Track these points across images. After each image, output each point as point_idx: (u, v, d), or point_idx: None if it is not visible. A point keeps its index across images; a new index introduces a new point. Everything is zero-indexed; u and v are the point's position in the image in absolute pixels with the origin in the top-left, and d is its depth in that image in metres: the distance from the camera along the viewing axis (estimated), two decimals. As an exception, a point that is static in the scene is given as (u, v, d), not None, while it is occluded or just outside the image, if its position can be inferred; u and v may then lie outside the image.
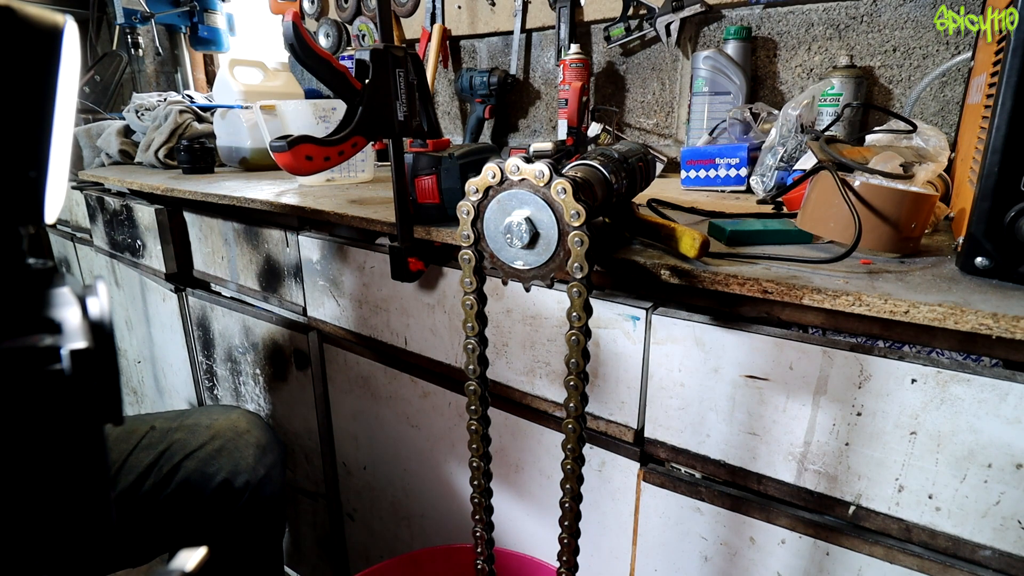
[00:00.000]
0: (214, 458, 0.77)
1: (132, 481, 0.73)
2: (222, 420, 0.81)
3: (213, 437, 0.78)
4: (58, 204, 0.18)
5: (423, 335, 0.82)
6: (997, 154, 0.44)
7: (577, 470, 0.53)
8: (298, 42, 0.59)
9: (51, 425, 0.17)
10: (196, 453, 0.77)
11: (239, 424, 0.81)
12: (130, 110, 1.52)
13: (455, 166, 0.69)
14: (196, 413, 0.82)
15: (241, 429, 0.81)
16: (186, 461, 0.76)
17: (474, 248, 0.50)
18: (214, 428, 0.79)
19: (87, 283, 0.19)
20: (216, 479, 0.76)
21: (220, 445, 0.78)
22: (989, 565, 0.47)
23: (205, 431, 0.79)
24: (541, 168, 0.45)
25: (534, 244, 0.47)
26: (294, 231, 0.95)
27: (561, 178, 0.44)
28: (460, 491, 0.86)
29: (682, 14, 1.15)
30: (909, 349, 0.49)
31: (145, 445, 0.77)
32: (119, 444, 0.77)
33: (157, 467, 0.75)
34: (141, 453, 0.76)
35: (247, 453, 0.79)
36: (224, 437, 0.79)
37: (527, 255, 0.48)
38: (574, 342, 0.48)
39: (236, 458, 0.78)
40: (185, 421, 0.80)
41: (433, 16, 1.50)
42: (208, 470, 0.76)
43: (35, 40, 0.16)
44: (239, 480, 0.77)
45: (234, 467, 0.77)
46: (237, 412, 0.84)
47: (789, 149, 0.83)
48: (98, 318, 0.17)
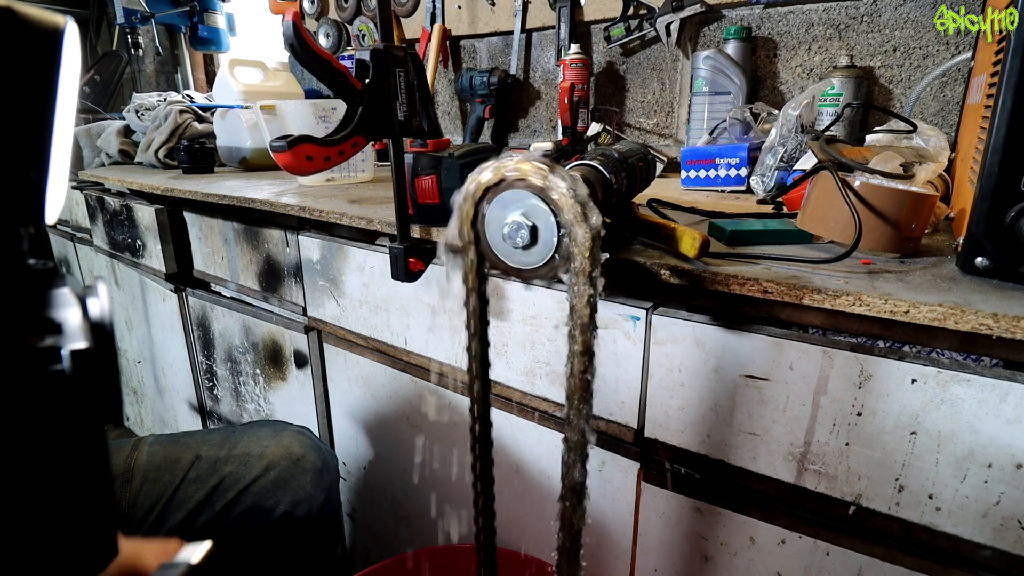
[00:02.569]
0: (271, 491, 0.73)
1: (182, 518, 0.70)
2: (274, 447, 0.76)
3: (268, 468, 0.74)
4: (58, 204, 0.18)
5: (423, 335, 0.82)
6: (997, 154, 0.44)
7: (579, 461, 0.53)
8: (298, 42, 0.59)
9: (52, 425, 0.17)
10: (251, 488, 0.72)
11: (293, 449, 0.77)
12: (130, 110, 1.52)
13: (455, 166, 0.69)
14: (244, 439, 0.77)
15: (296, 455, 0.76)
16: (242, 496, 0.72)
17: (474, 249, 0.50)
18: (267, 457, 0.75)
19: (87, 283, 0.19)
20: (276, 512, 0.72)
21: (276, 476, 0.74)
22: (989, 565, 0.47)
23: (258, 461, 0.74)
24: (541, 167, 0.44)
25: (534, 244, 0.47)
26: (294, 231, 0.95)
27: (563, 179, 0.44)
28: (460, 491, 0.86)
29: (682, 14, 1.15)
30: (909, 349, 0.49)
31: (193, 479, 0.73)
32: (163, 475, 0.73)
33: (210, 504, 0.71)
34: (190, 488, 0.72)
35: (304, 481, 0.75)
36: (279, 467, 0.74)
37: (527, 255, 0.48)
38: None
39: (294, 487, 0.74)
40: (234, 451, 0.75)
41: (433, 16, 1.50)
42: (266, 504, 0.72)
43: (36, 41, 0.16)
44: (300, 511, 0.73)
45: (294, 498, 0.73)
46: (288, 434, 0.79)
47: (789, 149, 0.83)
48: (98, 318, 0.17)
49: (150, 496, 0.71)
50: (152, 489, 0.72)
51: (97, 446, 0.18)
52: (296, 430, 0.81)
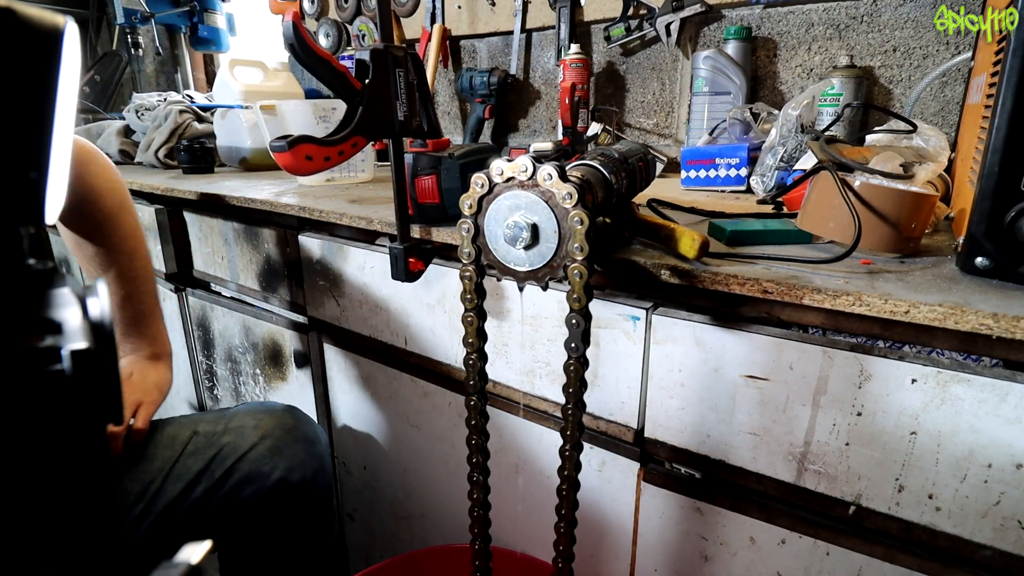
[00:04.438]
0: (267, 458, 0.76)
1: (182, 488, 0.73)
2: (268, 419, 0.80)
3: (263, 437, 0.77)
4: (58, 205, 0.18)
5: (423, 335, 0.82)
6: (997, 154, 0.44)
7: (575, 457, 0.53)
8: (298, 42, 0.59)
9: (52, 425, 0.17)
10: (248, 455, 0.76)
11: (286, 421, 0.81)
12: (130, 110, 1.52)
13: (455, 166, 0.69)
14: (239, 415, 0.81)
15: (289, 425, 0.80)
16: (239, 463, 0.75)
17: (475, 265, 0.50)
18: (262, 428, 0.78)
19: (87, 283, 0.19)
20: (272, 478, 0.75)
21: (272, 444, 0.77)
22: (989, 565, 0.47)
23: (253, 431, 0.78)
24: (533, 165, 0.45)
25: (534, 245, 0.47)
26: (294, 231, 0.95)
27: (566, 182, 0.44)
28: (460, 491, 0.86)
29: (682, 14, 1.15)
30: (909, 349, 0.49)
31: (192, 451, 0.75)
32: (163, 451, 0.75)
33: (209, 472, 0.74)
34: (189, 459, 0.75)
35: (298, 449, 0.78)
36: (274, 436, 0.78)
37: (527, 256, 0.48)
38: (575, 324, 0.48)
39: (288, 455, 0.77)
40: (231, 424, 0.79)
41: (433, 16, 1.50)
42: (263, 470, 0.75)
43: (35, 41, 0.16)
44: (294, 476, 0.76)
45: (288, 464, 0.76)
46: (280, 409, 0.83)
47: (789, 149, 0.83)
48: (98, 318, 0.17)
49: (148, 471, 0.73)
50: (151, 465, 0.74)
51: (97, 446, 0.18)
52: (287, 407, 0.84)
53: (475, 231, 0.49)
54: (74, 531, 0.18)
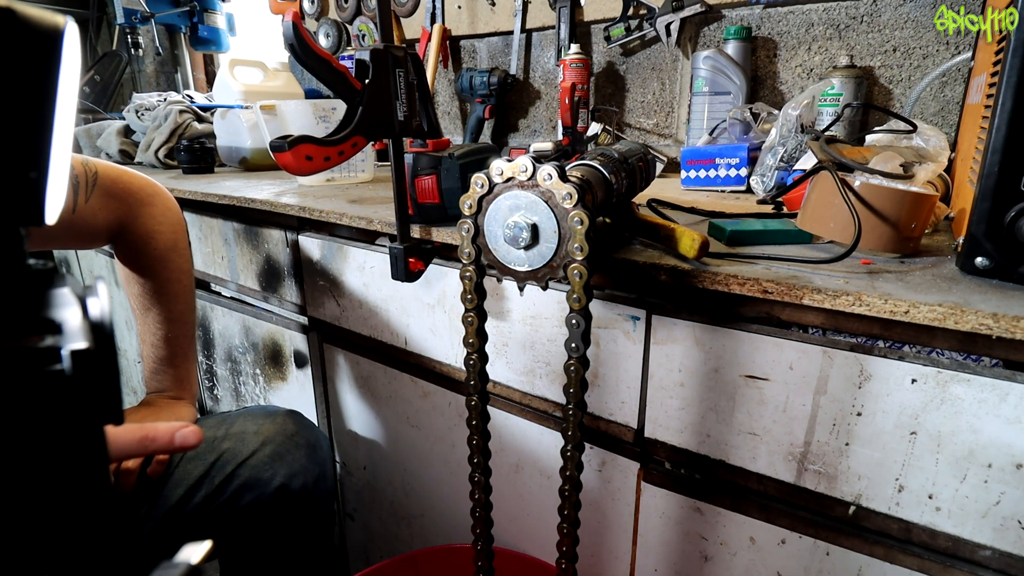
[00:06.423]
0: (268, 464, 0.75)
1: (182, 494, 0.72)
2: (269, 424, 0.79)
3: (264, 443, 0.76)
4: (58, 205, 0.18)
5: (423, 335, 0.82)
6: (997, 154, 0.44)
7: (576, 457, 0.53)
8: (298, 42, 0.59)
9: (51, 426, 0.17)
10: (248, 461, 0.75)
11: (287, 427, 0.80)
12: (130, 110, 1.52)
13: (455, 166, 0.69)
14: (239, 420, 0.80)
15: (290, 431, 0.79)
16: (239, 470, 0.74)
17: (475, 265, 0.50)
18: (263, 433, 0.77)
19: (87, 283, 0.19)
20: (272, 484, 0.74)
21: (272, 451, 0.76)
22: (989, 565, 0.47)
23: (254, 437, 0.77)
24: (533, 165, 0.45)
25: (534, 246, 0.47)
26: (294, 231, 0.95)
27: (566, 182, 0.44)
28: (460, 491, 0.86)
29: (682, 14, 1.15)
30: (909, 349, 0.49)
31: (192, 456, 0.75)
32: None
33: (209, 478, 0.73)
34: (189, 464, 0.74)
35: (299, 455, 0.78)
36: (275, 442, 0.77)
37: (527, 256, 0.48)
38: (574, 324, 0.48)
39: (289, 461, 0.76)
40: (231, 429, 0.78)
41: (433, 16, 1.50)
42: (263, 476, 0.74)
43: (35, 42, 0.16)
44: (295, 483, 0.76)
45: (289, 471, 0.76)
46: (281, 414, 0.82)
47: (789, 149, 0.83)
48: (98, 318, 0.17)
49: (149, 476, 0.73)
50: None
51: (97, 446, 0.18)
52: (288, 411, 0.83)
53: (475, 231, 0.49)
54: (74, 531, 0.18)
